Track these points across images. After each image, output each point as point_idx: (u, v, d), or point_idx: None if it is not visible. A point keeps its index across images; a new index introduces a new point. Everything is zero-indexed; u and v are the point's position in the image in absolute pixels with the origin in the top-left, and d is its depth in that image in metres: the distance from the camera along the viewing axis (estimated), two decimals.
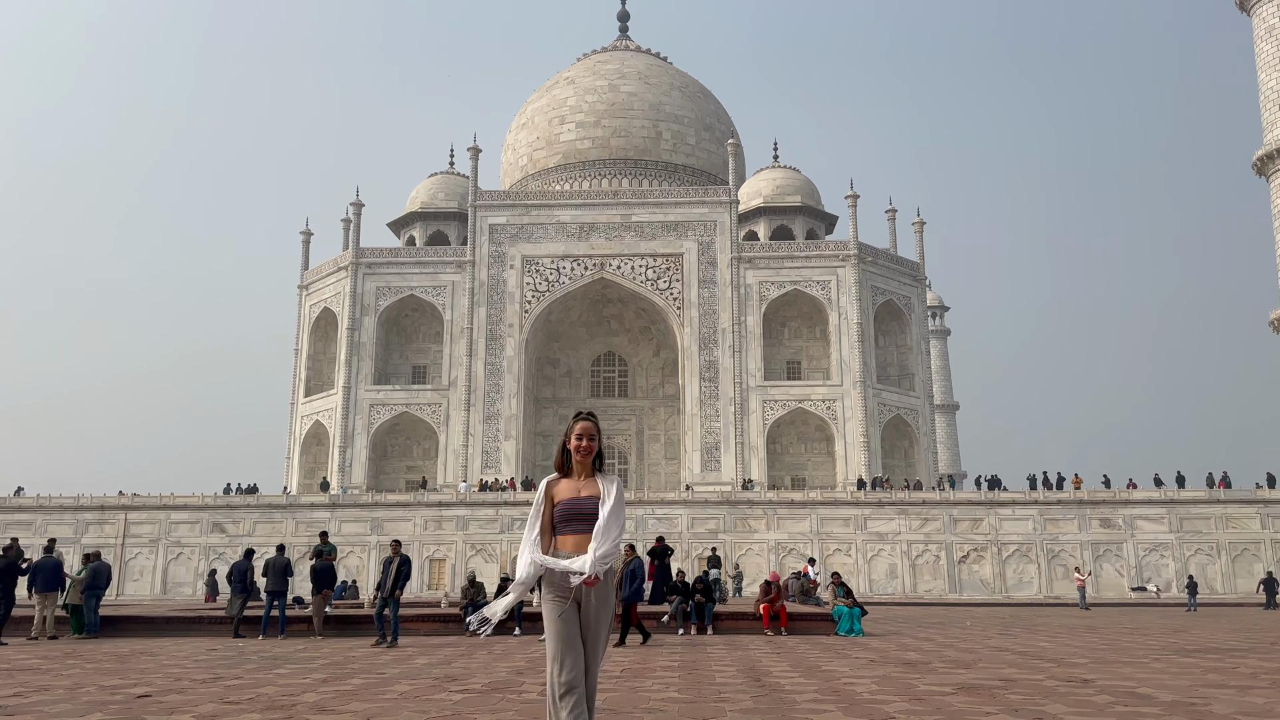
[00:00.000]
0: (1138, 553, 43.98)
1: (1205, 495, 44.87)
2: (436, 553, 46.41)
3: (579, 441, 5.29)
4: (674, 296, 55.69)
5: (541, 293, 56.15)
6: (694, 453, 53.55)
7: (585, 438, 5.29)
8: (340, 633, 18.81)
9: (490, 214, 57.29)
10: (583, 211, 56.99)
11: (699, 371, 54.46)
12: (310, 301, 60.07)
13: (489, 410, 54.65)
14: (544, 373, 60.27)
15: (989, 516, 44.74)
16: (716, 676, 11.12)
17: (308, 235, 62.58)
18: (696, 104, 67.23)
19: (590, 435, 5.30)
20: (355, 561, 46.31)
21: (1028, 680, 10.95)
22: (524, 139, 67.33)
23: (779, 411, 54.06)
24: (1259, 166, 49.79)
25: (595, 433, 5.33)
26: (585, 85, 66.26)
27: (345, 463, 54.14)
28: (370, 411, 55.13)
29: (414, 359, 58.94)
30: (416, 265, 57.35)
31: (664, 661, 12.97)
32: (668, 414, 58.93)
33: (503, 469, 53.38)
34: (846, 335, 54.55)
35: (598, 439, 5.33)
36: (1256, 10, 50.86)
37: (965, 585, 43.67)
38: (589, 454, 5.30)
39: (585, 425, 5.33)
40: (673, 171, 64.24)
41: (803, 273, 55.91)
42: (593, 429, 5.33)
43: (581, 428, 5.32)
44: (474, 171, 58.31)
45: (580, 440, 5.29)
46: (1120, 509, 44.72)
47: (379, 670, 12.08)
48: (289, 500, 48.12)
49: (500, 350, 55.42)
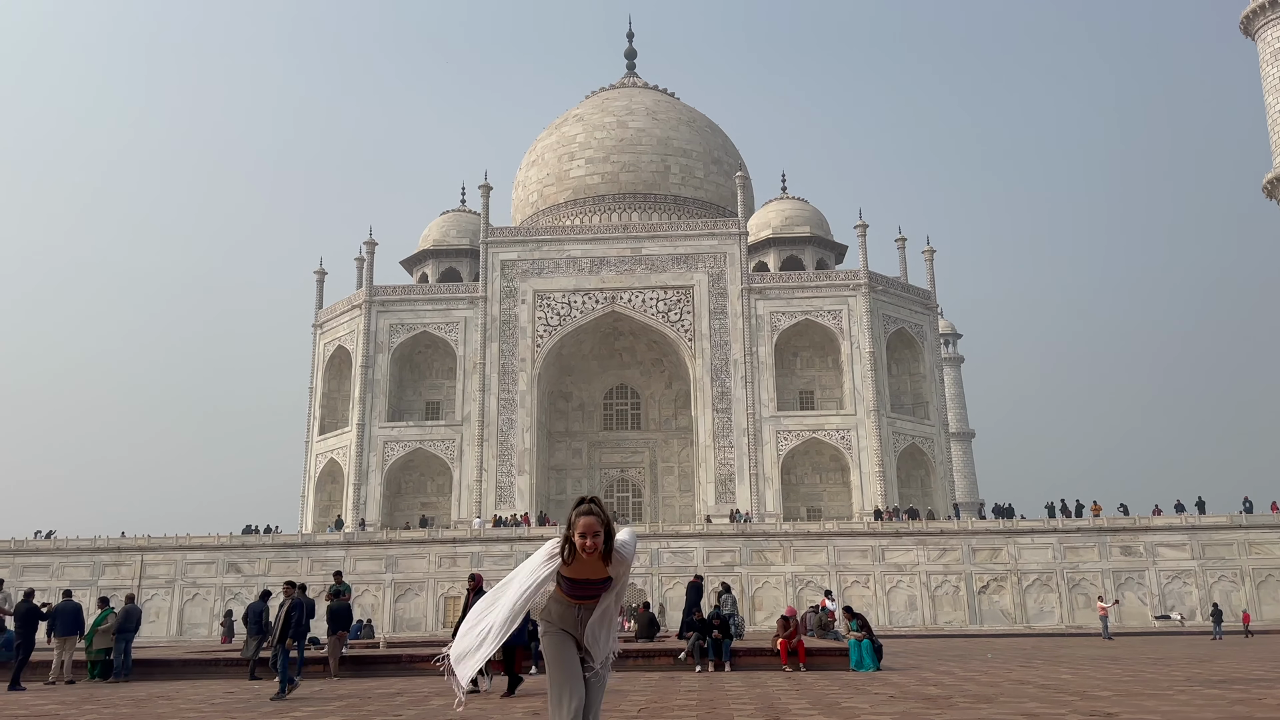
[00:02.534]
0: (1160, 580, 43.39)
1: (1227, 521, 44.28)
2: (451, 590, 46.19)
3: (583, 540, 5.00)
4: (685, 328, 55.81)
5: (553, 327, 56.40)
6: (708, 484, 53.34)
7: (590, 535, 4.99)
8: (356, 673, 18.73)
9: (502, 250, 57.76)
10: (593, 246, 57.38)
11: (711, 403, 54.41)
12: (325, 340, 60.51)
13: (502, 445, 54.68)
14: (557, 406, 60.35)
15: (1008, 545, 44.27)
16: (735, 716, 11.02)
17: (322, 274, 63.19)
18: (704, 138, 67.84)
19: (595, 532, 4.99)
20: (370, 600, 46.19)
21: (1050, 715, 10.80)
22: (534, 175, 68.04)
23: (793, 442, 53.87)
24: (1269, 189, 49.78)
25: (600, 527, 5.01)
26: (594, 122, 67.03)
27: (360, 500, 54.19)
28: (384, 448, 55.26)
29: (427, 395, 59.17)
30: (429, 302, 57.77)
31: (681, 700, 12.86)
32: (681, 446, 58.81)
33: (516, 504, 53.29)
34: (859, 364, 54.46)
35: (605, 526, 5.05)
36: (1261, 35, 51.12)
37: (986, 616, 43.12)
38: (594, 552, 5.04)
39: (588, 522, 4.99)
40: (682, 204, 64.69)
41: (813, 302, 55.98)
42: (597, 524, 5.00)
43: (585, 524, 4.99)
44: (485, 208, 58.91)
45: (585, 539, 5.00)
46: (1141, 535, 44.19)
47: (395, 711, 12.02)
48: (304, 539, 48.12)
49: (513, 385, 55.58)
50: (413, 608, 46.23)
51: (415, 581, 46.53)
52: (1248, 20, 51.64)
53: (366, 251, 59.97)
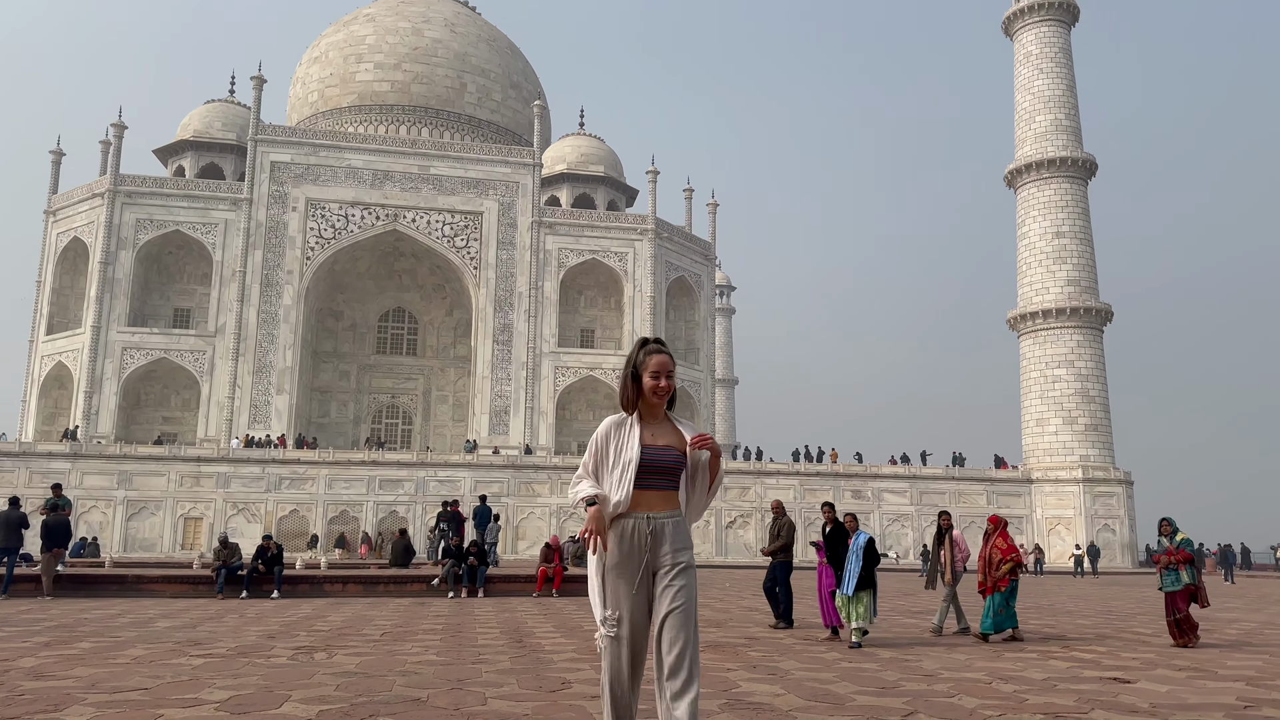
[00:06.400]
0: (883, 522, 48.46)
1: (943, 473, 50.16)
2: (193, 511, 43.39)
3: (657, 381, 4.15)
4: (471, 256, 54.58)
5: (327, 240, 53.25)
6: (482, 415, 53.01)
7: (664, 375, 4.16)
8: (74, 593, 17.19)
9: (273, 150, 53.45)
10: (377, 157, 54.43)
11: (493, 334, 53.85)
12: (58, 229, 53.69)
13: (260, 361, 51.33)
14: (325, 325, 57.37)
15: (755, 485, 47.63)
16: (479, 638, 11.14)
17: (59, 155, 55.79)
18: (504, 59, 65.84)
19: (669, 372, 4.19)
20: (99, 518, 42.54)
21: (770, 639, 11.81)
22: (315, 74, 63.26)
23: (571, 378, 54.54)
24: (1009, 179, 55.58)
25: (673, 368, 4.23)
26: (387, 25, 63.11)
27: (92, 410, 49.12)
28: (123, 355, 50.24)
29: (177, 301, 54.21)
30: (185, 199, 52.56)
31: (428, 625, 12.83)
32: (458, 375, 57.93)
33: (273, 425, 50.41)
34: (640, 307, 55.79)
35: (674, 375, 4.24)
36: (1019, 36, 56.48)
37: (730, 549, 46.36)
38: (667, 395, 4.19)
39: (662, 360, 4.17)
40: (476, 126, 62.68)
41: (602, 243, 56.44)
42: (670, 364, 4.19)
43: (658, 363, 4.16)
44: (257, 102, 54.05)
45: (659, 379, 4.15)
46: (870, 481, 49.06)
47: (114, 633, 11.15)
48: (22, 448, 43.18)
49: (277, 298, 52.09)
50: (147, 528, 42.96)
51: (152, 500, 43.20)
52: (1008, 22, 56.85)
53: (114, 135, 53.46)
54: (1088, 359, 51.78)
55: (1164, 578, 11.75)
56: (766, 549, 13.71)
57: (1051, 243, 52.89)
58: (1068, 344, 51.85)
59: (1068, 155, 53.14)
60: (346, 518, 44.49)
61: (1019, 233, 54.68)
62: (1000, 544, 12.29)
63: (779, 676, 8.37)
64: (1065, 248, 52.75)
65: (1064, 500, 49.80)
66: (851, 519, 12.31)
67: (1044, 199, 53.48)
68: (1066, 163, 53.17)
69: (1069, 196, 53.30)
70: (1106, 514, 49.35)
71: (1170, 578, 11.64)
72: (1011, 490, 50.35)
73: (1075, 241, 52.87)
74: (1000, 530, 12.54)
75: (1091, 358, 51.90)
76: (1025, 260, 53.94)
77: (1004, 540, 12.36)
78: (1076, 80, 55.47)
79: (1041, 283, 52.84)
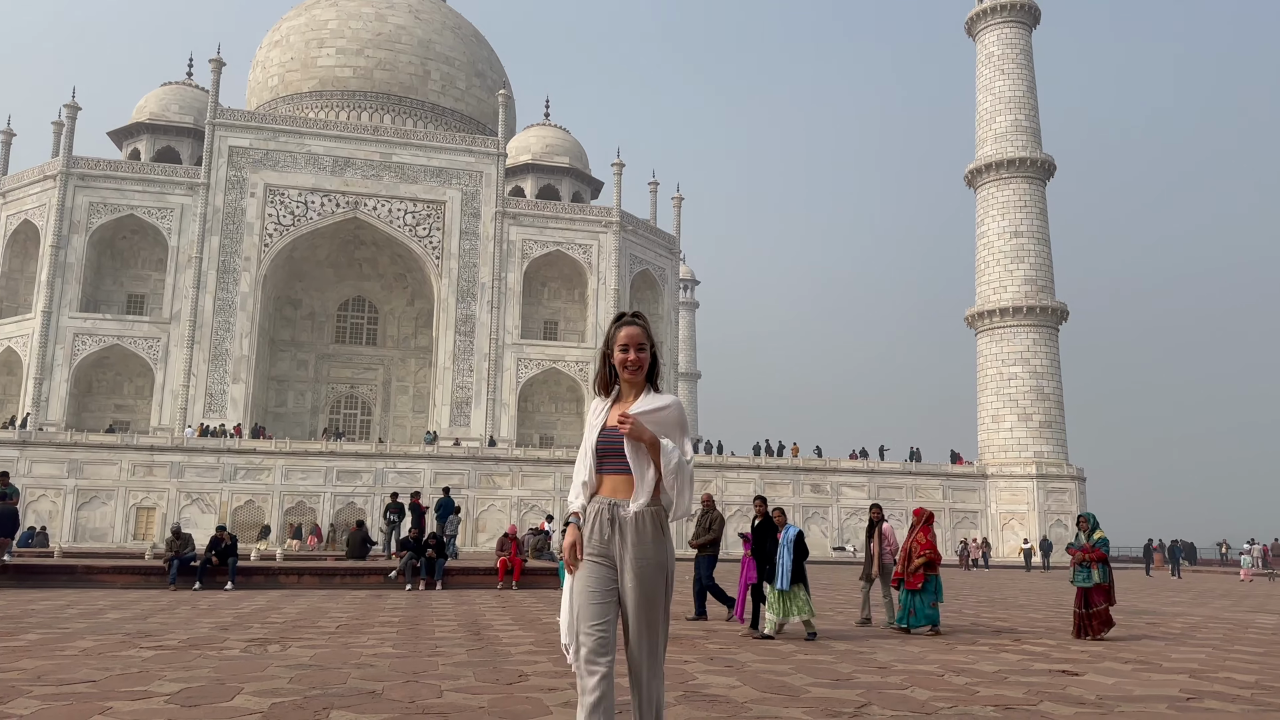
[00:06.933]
0: (841, 516, 49.00)
1: (900, 468, 50.82)
2: (145, 500, 42.61)
3: (625, 354, 3.91)
4: (433, 245, 54.07)
5: (286, 227, 52.41)
6: (443, 407, 52.61)
7: (633, 348, 3.92)
8: (21, 584, 16.80)
9: (231, 135, 52.47)
10: (338, 144, 53.66)
11: (455, 324, 53.43)
12: (8, 212, 52.24)
13: (216, 349, 50.43)
14: (283, 313, 56.51)
15: (717, 479, 47.86)
16: (436, 631, 11.08)
17: (9, 136, 54.25)
18: (469, 47, 65.23)
19: (640, 344, 3.93)
20: (48, 507, 41.67)
21: (726, 631, 11.88)
22: (276, 57, 62.17)
23: (533, 370, 54.31)
24: (969, 179, 56.33)
25: (645, 340, 3.95)
26: (349, 10, 62.19)
27: (41, 396, 47.94)
28: (74, 341, 49.08)
29: (130, 287, 53.04)
30: (140, 182, 51.38)
31: (385, 617, 12.73)
32: (419, 366, 57.40)
33: (229, 414, 49.59)
34: (604, 300, 55.68)
35: (649, 347, 3.96)
36: (981, 37, 57.19)
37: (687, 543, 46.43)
38: (640, 369, 3.93)
39: (631, 331, 3.94)
40: (440, 115, 62.05)
41: (566, 234, 56.22)
42: (641, 335, 3.94)
43: (627, 335, 3.93)
44: (215, 85, 52.99)
45: (627, 352, 3.91)
46: (830, 476, 49.55)
47: (62, 625, 10.92)
48: None
49: (234, 285, 51.19)
50: (98, 517, 42.12)
51: (103, 489, 42.35)
52: (971, 22, 57.56)
53: (67, 116, 52.12)
54: (1043, 357, 52.73)
55: (1076, 573, 11.83)
56: (694, 540, 13.58)
57: (1010, 242, 53.73)
58: (1024, 342, 52.75)
59: (1027, 156, 53.97)
60: (303, 509, 43.95)
61: (978, 232, 55.47)
62: (920, 538, 12.08)
63: (735, 669, 8.44)
64: (1023, 247, 53.62)
65: (1018, 495, 50.71)
66: (780, 513, 12.01)
67: (1003, 199, 54.29)
68: (1026, 163, 54.01)
69: (1027, 196, 54.17)
70: (1059, 509, 50.34)
71: (1083, 574, 11.72)
72: (967, 485, 51.16)
73: (1033, 241, 53.77)
74: (923, 524, 12.29)
75: (1047, 356, 52.86)
76: (984, 259, 54.74)
77: (925, 535, 12.12)
78: (1037, 81, 56.39)
79: (999, 281, 53.67)
